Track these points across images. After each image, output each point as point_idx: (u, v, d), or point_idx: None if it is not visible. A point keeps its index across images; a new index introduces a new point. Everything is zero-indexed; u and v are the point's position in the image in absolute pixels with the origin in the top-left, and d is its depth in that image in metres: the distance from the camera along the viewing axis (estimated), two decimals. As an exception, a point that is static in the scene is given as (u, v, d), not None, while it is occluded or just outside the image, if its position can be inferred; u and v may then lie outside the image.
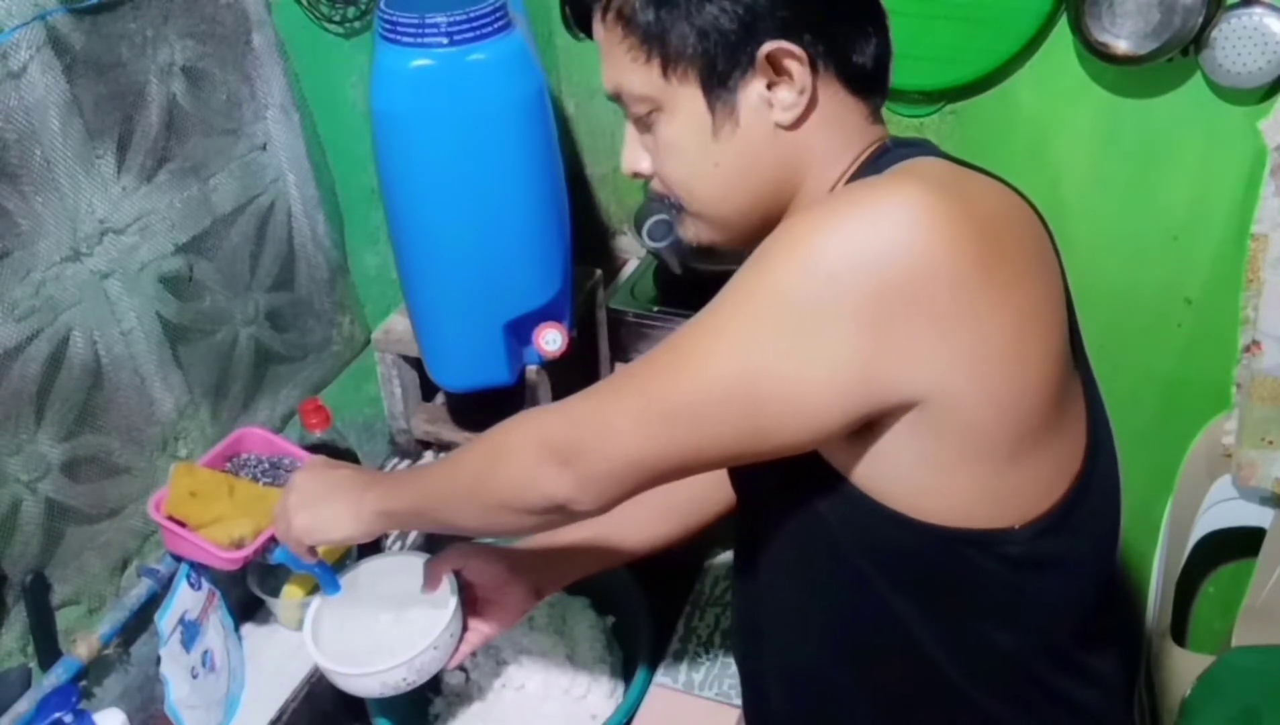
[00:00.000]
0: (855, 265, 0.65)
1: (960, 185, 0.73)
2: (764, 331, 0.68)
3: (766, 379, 0.68)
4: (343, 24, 1.27)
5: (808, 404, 0.68)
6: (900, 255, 0.65)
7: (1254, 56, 1.22)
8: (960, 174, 0.75)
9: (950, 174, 0.75)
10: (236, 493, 1.12)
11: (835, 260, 0.65)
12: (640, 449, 0.72)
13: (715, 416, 0.70)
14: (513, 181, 1.20)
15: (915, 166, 0.74)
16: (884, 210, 0.66)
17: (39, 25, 0.91)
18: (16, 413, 0.96)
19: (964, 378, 0.67)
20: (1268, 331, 1.35)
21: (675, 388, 0.71)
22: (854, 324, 0.65)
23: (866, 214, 0.66)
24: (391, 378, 1.46)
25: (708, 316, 0.73)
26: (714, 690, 1.13)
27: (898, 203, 0.66)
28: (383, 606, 1.09)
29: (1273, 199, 1.31)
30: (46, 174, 0.94)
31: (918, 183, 0.68)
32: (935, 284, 0.65)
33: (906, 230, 0.65)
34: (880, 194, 0.68)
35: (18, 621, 1.01)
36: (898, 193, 0.67)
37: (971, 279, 0.66)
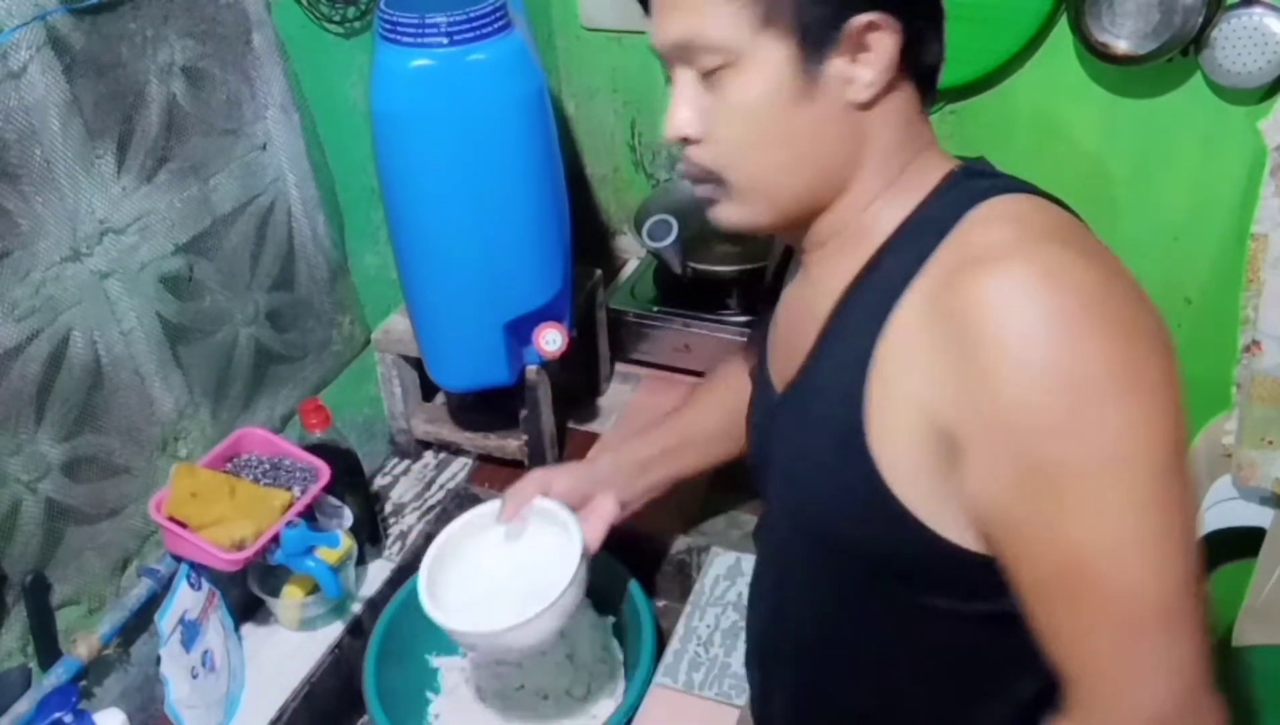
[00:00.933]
0: (1143, 349, 0.66)
1: (1081, 233, 0.73)
2: (1143, 461, 0.65)
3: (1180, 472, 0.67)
4: (343, 24, 1.27)
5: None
6: (1152, 320, 0.68)
7: (1254, 56, 1.22)
8: (1065, 219, 0.74)
9: (1066, 224, 0.73)
10: (237, 494, 1.12)
11: (1126, 355, 0.65)
12: (1194, 648, 0.68)
13: (1185, 549, 0.67)
14: (513, 182, 1.19)
15: (1038, 223, 0.72)
16: (1113, 302, 0.66)
17: (39, 25, 0.91)
18: (16, 413, 0.96)
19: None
20: (1268, 331, 1.35)
21: (1162, 585, 0.66)
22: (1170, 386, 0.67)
23: (1101, 310, 0.65)
24: (391, 378, 1.46)
25: (1101, 519, 0.66)
26: (714, 690, 1.13)
27: (1114, 289, 0.67)
28: (492, 562, 1.08)
29: (1273, 199, 1.31)
30: (46, 174, 0.94)
31: (1088, 257, 0.68)
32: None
33: (1139, 305, 0.67)
34: (1093, 288, 0.66)
35: (18, 621, 1.01)
36: (1106, 280, 0.67)
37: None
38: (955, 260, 0.70)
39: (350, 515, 1.24)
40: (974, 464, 0.68)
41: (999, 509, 0.69)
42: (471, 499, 1.46)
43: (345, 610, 1.26)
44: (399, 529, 1.40)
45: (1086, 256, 0.67)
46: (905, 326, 0.71)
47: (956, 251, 0.70)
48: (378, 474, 1.49)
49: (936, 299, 0.69)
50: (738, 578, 1.26)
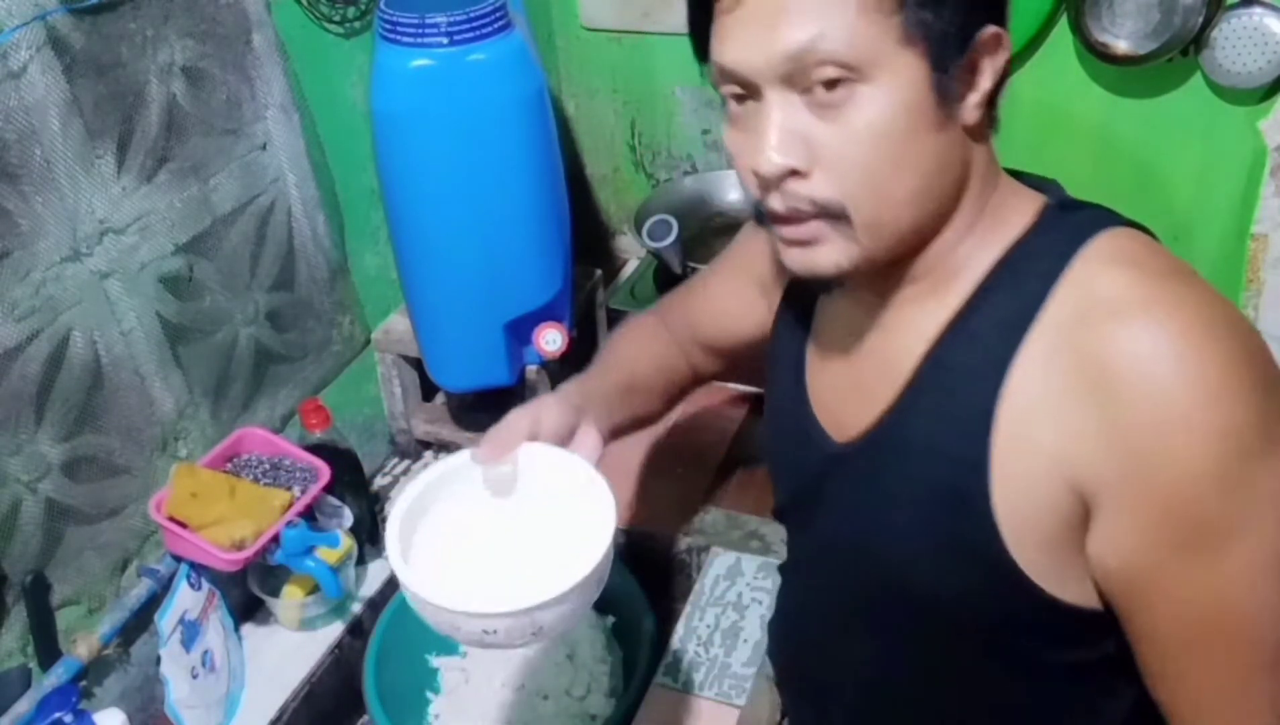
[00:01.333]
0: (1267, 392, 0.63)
1: (1190, 269, 0.70)
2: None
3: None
4: (343, 24, 1.27)
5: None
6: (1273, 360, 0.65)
7: (1254, 56, 1.22)
8: (1169, 254, 0.71)
9: (1175, 261, 0.70)
10: (237, 494, 1.12)
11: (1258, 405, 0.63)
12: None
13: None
14: (513, 182, 1.19)
15: (1156, 265, 0.68)
16: (1253, 349, 0.64)
17: (39, 25, 0.91)
18: (16, 413, 0.96)
19: None
20: (1268, 331, 1.35)
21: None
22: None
23: (1245, 360, 0.63)
24: (391, 378, 1.46)
25: (1249, 574, 0.64)
26: (714, 690, 1.13)
27: (1249, 335, 0.65)
28: (482, 521, 0.84)
29: (1273, 199, 1.31)
30: (46, 174, 0.94)
31: (1219, 302, 0.66)
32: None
33: (1263, 346, 0.65)
34: (1200, 331, 0.63)
35: (18, 621, 1.01)
36: (1241, 326, 0.65)
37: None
38: (1082, 308, 0.66)
39: (350, 515, 1.24)
40: (1113, 520, 0.66)
41: (1138, 564, 0.66)
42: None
43: (345, 610, 1.26)
44: (399, 529, 1.39)
45: (1213, 299, 0.66)
46: (1030, 380, 0.67)
47: (1080, 298, 0.66)
48: (378, 474, 1.49)
49: (1068, 350, 0.65)
50: (737, 578, 1.26)
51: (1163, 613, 0.67)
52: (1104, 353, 0.64)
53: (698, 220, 1.61)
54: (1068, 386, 0.65)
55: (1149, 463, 0.63)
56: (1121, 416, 0.63)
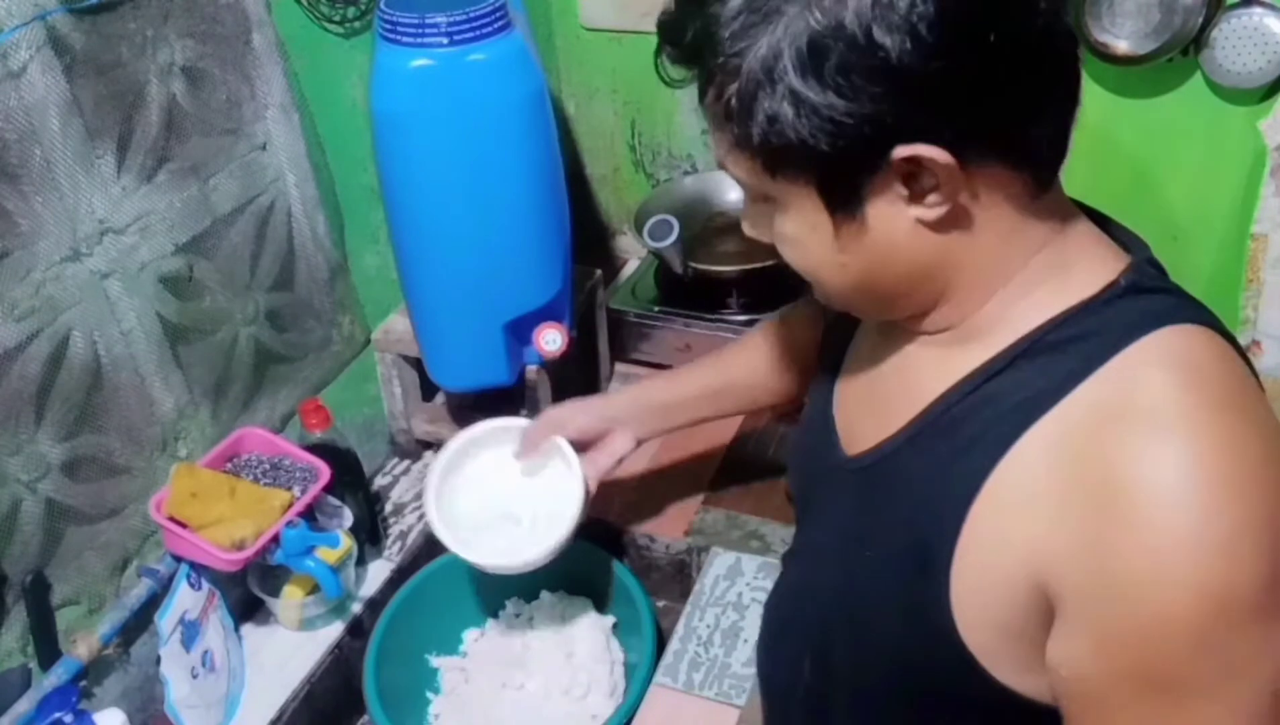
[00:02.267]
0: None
1: (1254, 396, 0.63)
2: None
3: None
4: (343, 24, 1.27)
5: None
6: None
7: (1254, 56, 1.22)
8: (1239, 374, 0.64)
9: (1240, 382, 0.63)
10: (237, 494, 1.12)
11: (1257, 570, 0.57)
12: None
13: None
14: (513, 182, 1.20)
15: (1214, 382, 0.61)
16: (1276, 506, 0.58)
17: (39, 25, 0.91)
18: (16, 413, 0.96)
19: None
20: (1268, 331, 1.35)
21: None
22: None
23: (1263, 517, 0.57)
24: (391, 378, 1.46)
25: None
26: (714, 690, 1.13)
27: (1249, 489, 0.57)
28: (497, 479, 1.15)
29: (1273, 199, 1.31)
30: (46, 174, 0.94)
31: (1261, 439, 0.59)
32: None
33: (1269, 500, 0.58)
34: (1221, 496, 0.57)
35: (18, 621, 1.01)
36: (1275, 478, 0.58)
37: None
38: (1108, 404, 0.61)
39: (350, 515, 1.24)
40: (1073, 633, 0.61)
41: (1088, 687, 0.62)
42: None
43: (345, 610, 1.26)
44: (399, 529, 1.40)
45: (1257, 439, 0.59)
46: (1034, 459, 0.63)
47: (1112, 392, 0.61)
48: (378, 474, 1.49)
49: (1078, 443, 0.61)
50: (737, 578, 1.26)
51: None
52: (1111, 459, 0.59)
53: (698, 220, 1.61)
54: (1068, 482, 0.61)
55: (1124, 594, 0.58)
56: (1107, 533, 0.58)
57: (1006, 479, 0.64)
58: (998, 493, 0.65)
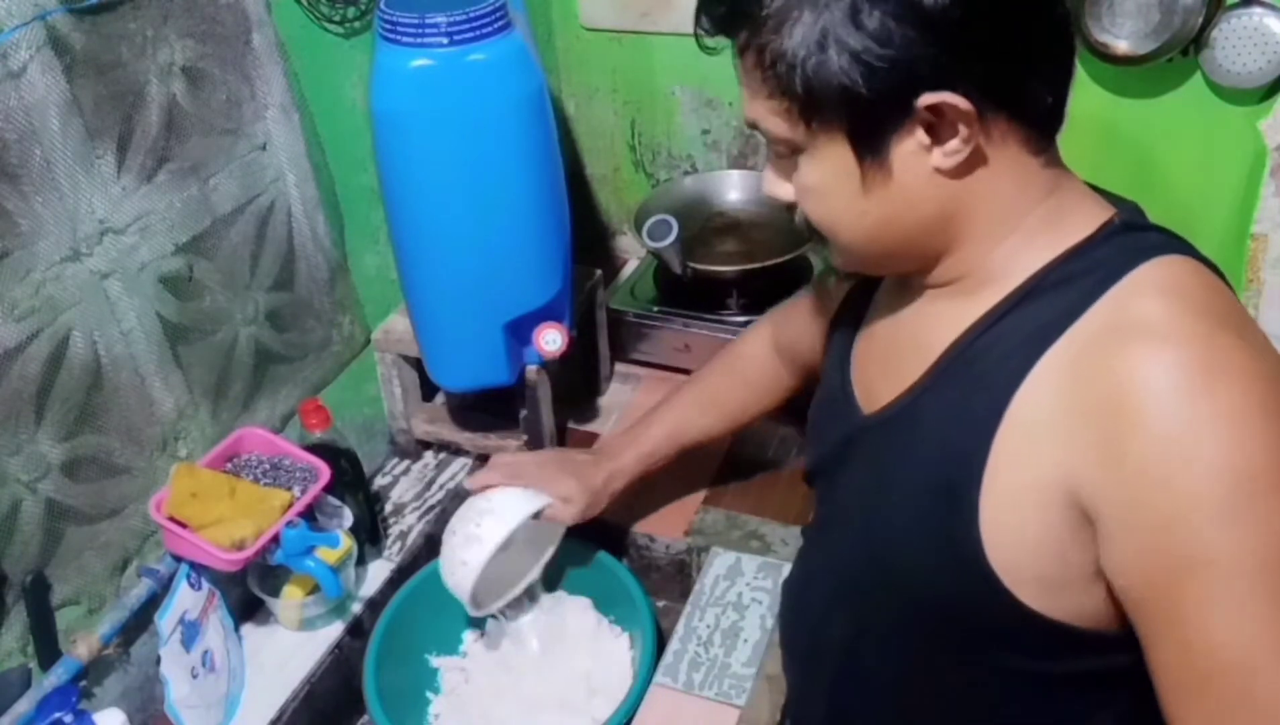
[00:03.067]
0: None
1: (1239, 313, 0.69)
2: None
3: None
4: (343, 24, 1.27)
5: None
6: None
7: (1254, 56, 1.22)
8: (1223, 294, 0.70)
9: (1225, 301, 0.69)
10: (238, 494, 1.12)
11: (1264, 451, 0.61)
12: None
13: None
14: (513, 182, 1.19)
15: (1200, 299, 0.67)
16: (1273, 391, 0.62)
17: (39, 25, 0.91)
18: (16, 413, 0.96)
19: None
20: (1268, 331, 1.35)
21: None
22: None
23: (1261, 400, 0.62)
24: (391, 378, 1.46)
25: (1250, 622, 0.61)
26: (714, 690, 1.13)
27: (1273, 378, 0.63)
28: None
29: (1273, 199, 1.31)
30: (46, 174, 0.94)
31: (1247, 343, 0.64)
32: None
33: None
34: (1220, 389, 0.62)
35: (18, 621, 1.01)
36: (1265, 368, 0.63)
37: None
38: (1109, 326, 0.66)
39: (350, 515, 1.24)
40: (1116, 541, 0.65)
41: (1142, 592, 0.65)
42: (471, 499, 1.46)
43: (345, 610, 1.26)
44: (399, 529, 1.40)
45: (1245, 342, 0.65)
46: (1046, 385, 0.68)
47: (1112, 316, 0.67)
48: (378, 474, 1.49)
49: (1086, 363, 0.66)
50: (737, 578, 1.26)
51: (1163, 647, 0.65)
52: (1117, 373, 0.64)
53: (698, 220, 1.61)
54: (1077, 401, 0.66)
55: (1148, 490, 0.62)
56: (1123, 439, 0.63)
57: (1024, 406, 0.68)
58: (1018, 419, 0.69)
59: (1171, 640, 0.64)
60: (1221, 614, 0.61)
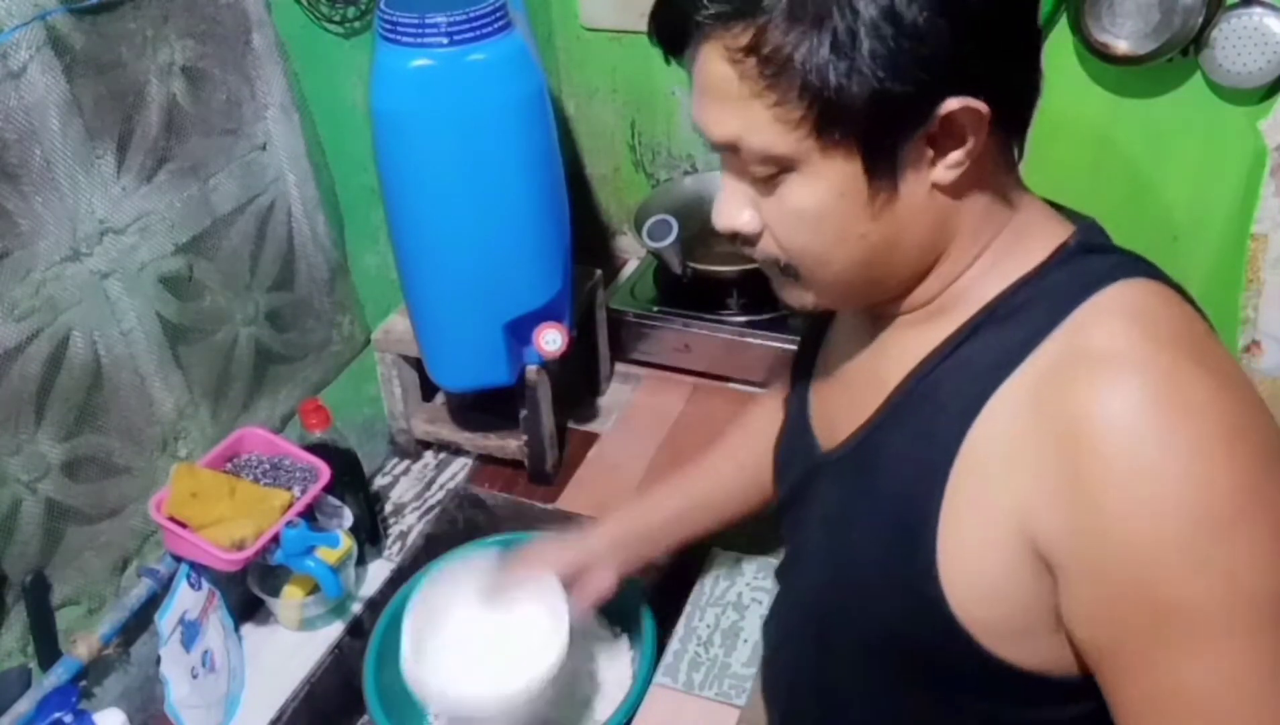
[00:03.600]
0: (1271, 474, 0.59)
1: (1203, 338, 0.65)
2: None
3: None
4: (343, 24, 1.27)
5: None
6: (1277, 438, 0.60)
7: (1254, 56, 1.22)
8: (1187, 318, 0.66)
9: (1189, 326, 0.65)
10: (238, 494, 1.12)
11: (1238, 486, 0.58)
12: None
13: None
14: (513, 181, 1.19)
15: (1162, 324, 0.63)
16: (1237, 423, 0.59)
17: (39, 25, 0.91)
18: (16, 413, 0.96)
19: None
20: (1268, 331, 1.35)
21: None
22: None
23: (1225, 434, 0.58)
24: (391, 378, 1.46)
25: (1218, 663, 0.58)
26: (714, 690, 1.13)
27: (1238, 409, 0.60)
28: (474, 620, 1.12)
29: (1273, 199, 1.31)
30: (46, 174, 0.94)
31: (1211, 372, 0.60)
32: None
33: (1263, 422, 0.60)
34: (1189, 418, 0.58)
35: (18, 621, 1.01)
36: (1230, 399, 0.60)
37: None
38: (1068, 355, 0.62)
39: (350, 515, 1.24)
40: (1073, 588, 0.62)
41: (1101, 640, 0.62)
42: (471, 499, 1.46)
43: (345, 610, 1.26)
44: (399, 529, 1.40)
45: (1209, 371, 0.61)
46: (1004, 417, 0.64)
47: (1070, 344, 0.63)
48: (378, 474, 1.49)
49: (1043, 396, 0.62)
50: (737, 578, 1.26)
51: (1126, 690, 0.62)
52: (1075, 406, 0.60)
53: (698, 220, 1.61)
54: (1039, 433, 0.62)
55: (1109, 531, 0.59)
56: (1080, 477, 0.59)
57: (981, 440, 0.65)
58: (974, 455, 0.65)
59: (1139, 687, 0.61)
60: (1191, 660, 0.58)
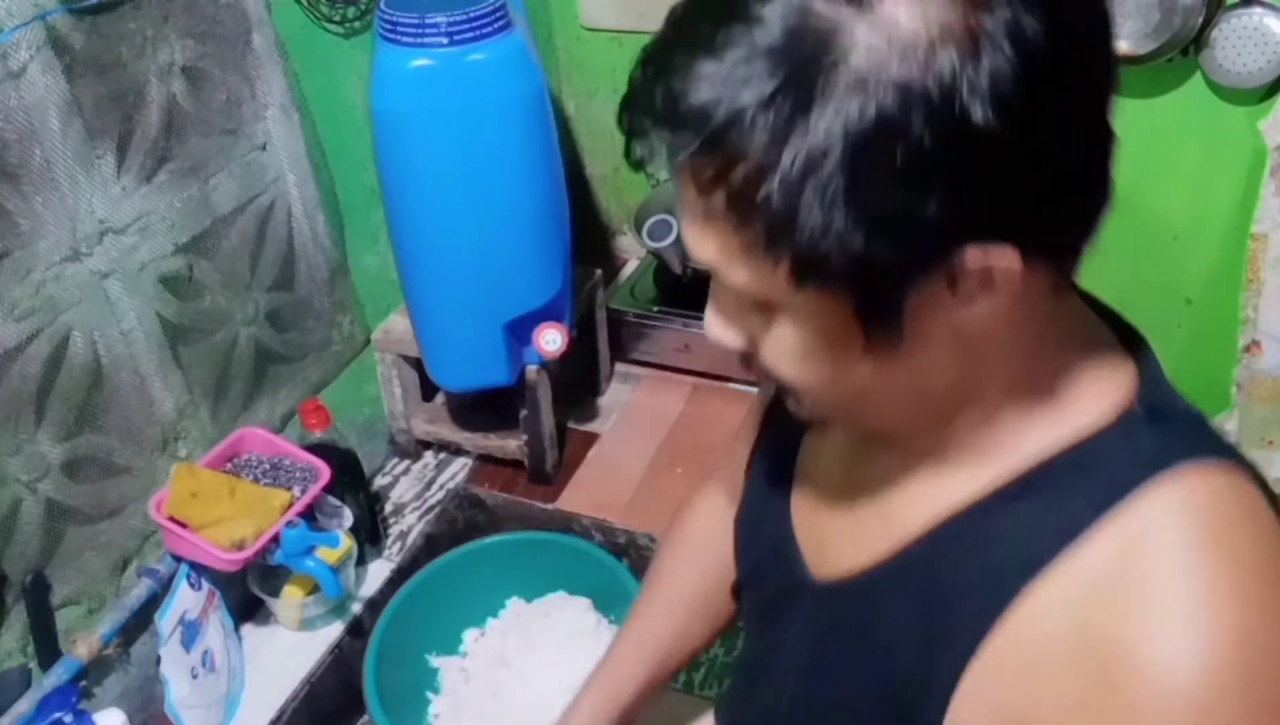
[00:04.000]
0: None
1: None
2: None
3: None
4: (343, 24, 1.27)
5: None
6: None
7: (1254, 56, 1.22)
8: (1267, 529, 0.56)
9: (1269, 541, 0.55)
10: (238, 494, 1.12)
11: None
12: None
13: None
14: (513, 181, 1.20)
15: (1240, 547, 0.54)
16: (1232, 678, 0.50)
17: (39, 25, 0.91)
18: (16, 413, 0.96)
19: None
20: (1268, 331, 1.35)
21: None
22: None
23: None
24: (391, 378, 1.46)
25: None
26: (714, 690, 1.13)
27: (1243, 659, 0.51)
28: None
29: (1273, 199, 1.31)
30: (46, 174, 0.94)
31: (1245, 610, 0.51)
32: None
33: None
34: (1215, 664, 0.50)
35: (18, 621, 1.01)
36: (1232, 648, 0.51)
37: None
38: (1120, 569, 0.54)
39: (350, 515, 1.24)
40: None
41: None
42: (471, 499, 1.46)
43: (345, 610, 1.26)
44: (399, 529, 1.40)
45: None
46: (1036, 623, 0.56)
47: (1125, 552, 0.54)
48: (378, 474, 1.49)
49: (1085, 613, 0.54)
50: (738, 578, 1.26)
51: None
52: (1117, 635, 0.53)
53: (698, 220, 1.61)
54: (1068, 652, 0.54)
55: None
56: (1096, 698, 0.52)
57: (1006, 644, 0.57)
58: (996, 658, 0.57)
59: None
60: None
